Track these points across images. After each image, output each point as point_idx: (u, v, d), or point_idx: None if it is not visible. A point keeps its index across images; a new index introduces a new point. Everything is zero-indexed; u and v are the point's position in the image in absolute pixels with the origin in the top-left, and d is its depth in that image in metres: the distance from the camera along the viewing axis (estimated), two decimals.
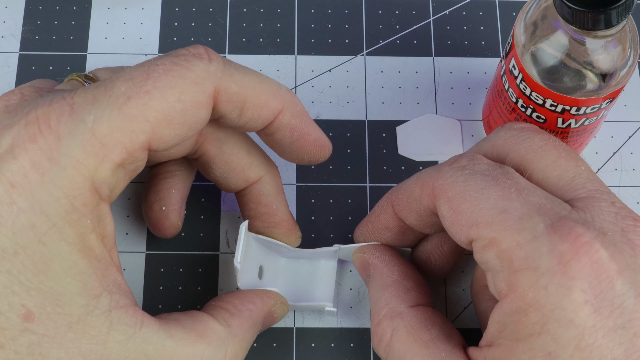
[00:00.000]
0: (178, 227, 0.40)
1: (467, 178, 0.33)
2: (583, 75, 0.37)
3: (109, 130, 0.30)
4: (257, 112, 0.34)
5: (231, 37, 0.47)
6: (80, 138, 0.30)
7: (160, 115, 0.31)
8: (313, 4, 0.48)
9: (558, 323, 0.30)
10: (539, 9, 0.37)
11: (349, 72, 0.47)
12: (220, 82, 0.33)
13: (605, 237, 0.31)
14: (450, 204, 0.33)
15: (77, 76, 0.37)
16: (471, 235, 0.32)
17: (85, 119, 0.30)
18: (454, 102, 0.46)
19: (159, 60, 0.32)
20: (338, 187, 0.44)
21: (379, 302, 0.37)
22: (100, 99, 0.31)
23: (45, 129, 0.30)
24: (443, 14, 0.48)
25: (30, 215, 0.29)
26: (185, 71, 0.32)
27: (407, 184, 0.36)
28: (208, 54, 0.33)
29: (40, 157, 0.30)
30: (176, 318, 0.34)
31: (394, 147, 0.45)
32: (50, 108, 0.31)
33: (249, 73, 0.34)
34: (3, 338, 0.30)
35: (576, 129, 0.40)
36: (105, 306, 0.31)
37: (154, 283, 0.42)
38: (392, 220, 0.38)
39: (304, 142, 0.37)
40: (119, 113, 0.30)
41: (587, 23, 0.33)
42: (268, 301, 0.38)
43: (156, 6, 0.48)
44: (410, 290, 0.37)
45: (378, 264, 0.38)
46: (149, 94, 0.31)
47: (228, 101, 0.33)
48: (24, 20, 0.47)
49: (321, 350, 0.41)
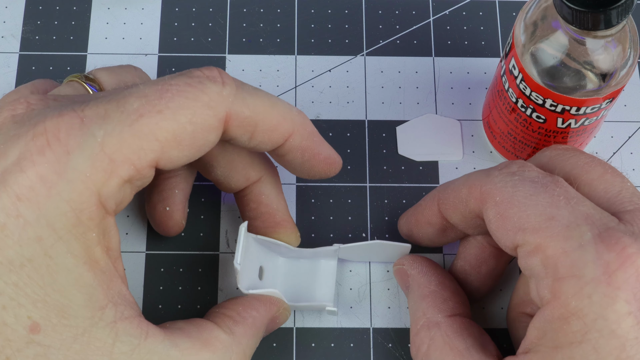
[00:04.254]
0: (182, 225, 0.41)
1: (516, 184, 0.33)
2: (583, 75, 0.37)
3: (118, 147, 0.30)
4: (268, 136, 0.35)
5: (231, 37, 0.48)
6: (89, 152, 0.30)
7: (171, 135, 0.31)
8: (313, 4, 0.48)
9: (600, 333, 0.30)
10: (539, 9, 0.37)
11: (349, 72, 0.47)
12: (233, 106, 0.33)
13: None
14: (497, 208, 0.33)
15: (76, 77, 0.37)
16: (517, 241, 0.32)
17: (95, 133, 0.30)
18: (454, 102, 0.46)
19: (172, 80, 0.32)
20: (338, 187, 0.44)
21: (417, 313, 0.37)
22: (111, 114, 0.31)
23: (54, 142, 0.30)
24: (443, 14, 0.48)
25: (36, 228, 0.29)
26: (198, 93, 0.32)
27: (455, 185, 0.36)
28: (222, 77, 0.33)
29: (48, 171, 0.30)
30: (181, 327, 0.34)
31: (394, 147, 0.45)
32: (60, 120, 0.30)
33: (261, 96, 0.34)
34: (9, 350, 0.30)
35: (576, 129, 0.40)
36: (110, 318, 0.31)
37: (154, 283, 0.42)
38: (435, 217, 0.38)
39: (315, 161, 0.37)
40: (129, 130, 0.30)
41: (587, 23, 0.33)
42: (271, 307, 0.38)
43: (156, 6, 0.48)
44: (447, 300, 0.37)
45: (416, 275, 0.38)
46: (161, 114, 0.31)
47: (239, 125, 0.33)
48: (24, 20, 0.47)
49: (321, 350, 0.41)
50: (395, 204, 0.44)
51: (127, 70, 0.39)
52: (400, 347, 0.41)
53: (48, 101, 0.33)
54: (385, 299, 0.42)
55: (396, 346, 0.41)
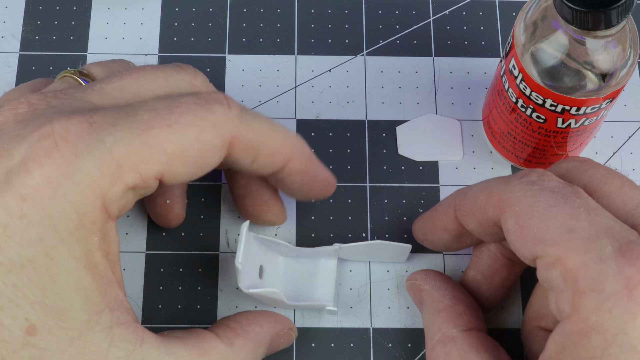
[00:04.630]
0: (182, 217, 0.42)
1: (536, 194, 0.33)
2: (583, 75, 0.37)
3: (127, 154, 0.30)
4: (270, 159, 0.35)
5: (231, 37, 0.47)
6: (98, 156, 0.30)
7: (178, 150, 0.32)
8: (313, 4, 0.48)
9: (620, 348, 0.30)
10: (539, 9, 0.37)
11: (349, 72, 0.47)
12: (237, 129, 0.33)
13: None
14: (516, 218, 0.33)
15: (70, 73, 0.37)
16: (536, 252, 0.32)
17: (104, 138, 0.30)
18: (454, 102, 0.46)
19: (182, 98, 0.33)
20: (338, 187, 0.44)
21: (432, 328, 0.37)
22: (121, 122, 0.31)
23: (62, 144, 0.30)
24: (443, 14, 0.48)
25: (39, 229, 0.29)
26: (206, 113, 0.32)
27: (473, 191, 0.36)
28: (227, 100, 0.34)
29: (55, 172, 0.30)
30: (179, 336, 0.35)
31: (394, 147, 0.45)
32: (69, 122, 0.30)
33: (263, 121, 0.35)
34: (5, 351, 0.30)
35: (576, 129, 0.40)
36: (106, 322, 0.31)
37: (154, 283, 0.42)
38: (451, 223, 0.38)
39: (313, 183, 0.38)
40: (139, 139, 0.31)
41: (587, 23, 0.33)
42: (276, 325, 0.38)
43: (156, 6, 0.48)
44: (462, 314, 0.37)
45: (429, 290, 0.38)
46: (170, 127, 0.31)
47: (243, 149, 0.34)
48: (24, 20, 0.47)
49: (321, 350, 0.41)
50: (395, 204, 0.44)
51: (121, 65, 0.39)
52: (400, 347, 0.41)
53: (49, 100, 0.33)
54: (385, 299, 0.42)
55: (396, 346, 0.41)
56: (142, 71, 0.35)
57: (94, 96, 0.33)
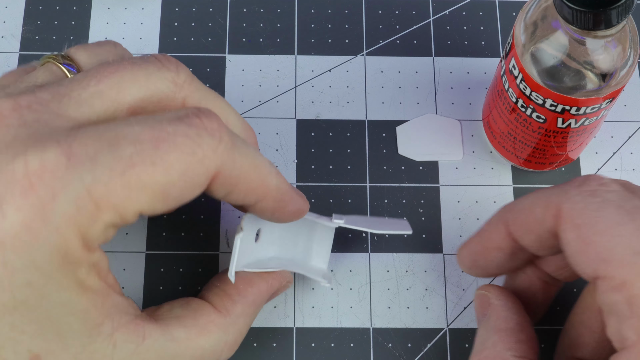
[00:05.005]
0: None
1: (599, 207, 0.31)
2: (583, 75, 0.37)
3: (106, 194, 0.29)
4: (243, 196, 0.34)
5: (231, 37, 0.47)
6: (75, 196, 0.28)
7: (160, 188, 0.30)
8: (313, 4, 0.48)
9: None
10: (539, 9, 0.37)
11: (349, 72, 0.47)
12: (223, 164, 0.31)
13: None
14: (578, 232, 0.31)
15: (53, 58, 0.34)
16: (599, 272, 0.31)
17: (83, 177, 0.28)
18: (454, 102, 0.46)
19: (170, 126, 0.30)
20: (338, 187, 0.44)
21: (486, 342, 0.36)
22: (101, 158, 0.29)
23: (38, 184, 0.28)
24: (443, 14, 0.48)
25: (25, 274, 0.29)
26: (195, 147, 0.30)
27: (526, 204, 0.34)
28: (220, 131, 0.31)
29: (33, 217, 0.28)
30: (177, 315, 0.35)
31: (394, 147, 0.45)
32: (44, 157, 0.28)
33: (249, 155, 0.33)
34: None
35: (576, 129, 0.40)
36: (107, 331, 0.31)
37: (154, 283, 0.42)
38: (505, 241, 0.36)
39: (283, 214, 0.36)
40: (119, 179, 0.29)
41: (587, 23, 0.33)
42: (274, 284, 0.38)
43: (156, 6, 0.48)
44: (520, 342, 0.35)
45: (499, 307, 0.37)
46: (154, 166, 0.29)
47: (222, 183, 0.32)
48: (24, 20, 0.47)
49: (321, 350, 0.41)
50: (395, 204, 0.44)
51: (107, 50, 0.37)
52: (400, 347, 0.41)
53: (23, 113, 0.30)
54: (385, 299, 0.42)
55: (396, 346, 0.41)
56: (121, 71, 0.32)
57: (72, 107, 0.31)
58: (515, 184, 0.45)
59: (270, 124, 0.46)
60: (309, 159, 0.45)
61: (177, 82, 0.33)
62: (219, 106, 0.35)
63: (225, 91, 0.46)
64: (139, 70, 0.33)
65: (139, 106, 0.32)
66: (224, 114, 0.35)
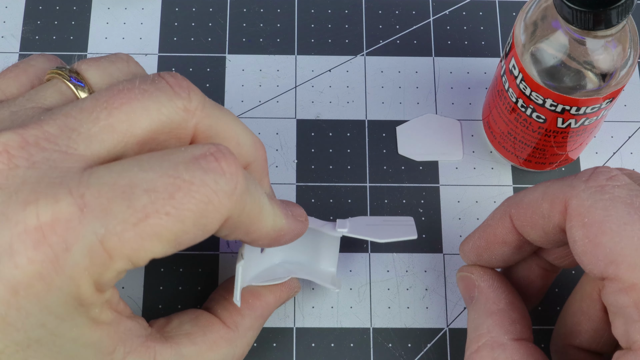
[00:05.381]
0: None
1: (607, 206, 0.31)
2: (583, 75, 0.37)
3: (119, 245, 0.28)
4: (241, 236, 0.33)
5: (231, 37, 0.47)
6: (89, 247, 0.28)
7: (173, 237, 0.29)
8: (313, 4, 0.48)
9: None
10: (539, 9, 0.37)
11: (349, 72, 0.47)
12: (234, 209, 0.30)
13: None
14: (586, 231, 0.31)
15: (60, 74, 0.33)
16: (607, 273, 0.30)
17: (96, 230, 0.28)
18: (454, 102, 0.46)
19: (187, 173, 0.29)
20: (338, 187, 0.44)
21: (479, 329, 0.36)
22: (115, 209, 0.28)
23: (51, 235, 0.27)
24: (443, 14, 0.48)
25: (39, 317, 0.28)
26: (211, 195, 0.29)
27: (531, 198, 0.34)
28: (237, 175, 0.30)
29: (46, 268, 0.28)
30: (187, 331, 0.35)
31: (394, 147, 0.45)
32: (57, 208, 0.28)
33: (256, 201, 0.32)
34: None
35: (576, 129, 0.40)
36: (120, 356, 0.31)
37: (154, 283, 0.42)
38: (510, 235, 0.35)
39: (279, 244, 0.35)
40: (133, 229, 0.28)
41: (587, 23, 0.33)
42: (282, 295, 0.38)
43: (156, 6, 0.48)
44: (515, 323, 0.35)
45: (485, 289, 0.37)
46: (168, 216, 0.28)
47: (227, 227, 0.31)
48: (24, 20, 0.47)
49: (321, 350, 0.41)
50: (395, 204, 0.44)
51: (119, 67, 0.35)
52: (400, 347, 0.41)
53: (32, 153, 0.29)
54: (385, 299, 0.42)
55: (396, 346, 0.41)
56: (131, 102, 0.31)
57: (81, 144, 0.29)
58: (515, 184, 0.45)
59: (270, 124, 0.46)
60: (309, 159, 0.45)
61: (189, 109, 0.32)
62: (231, 129, 0.34)
63: (225, 91, 0.46)
64: (149, 101, 0.31)
65: (150, 137, 0.31)
66: (236, 136, 0.34)
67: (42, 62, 0.35)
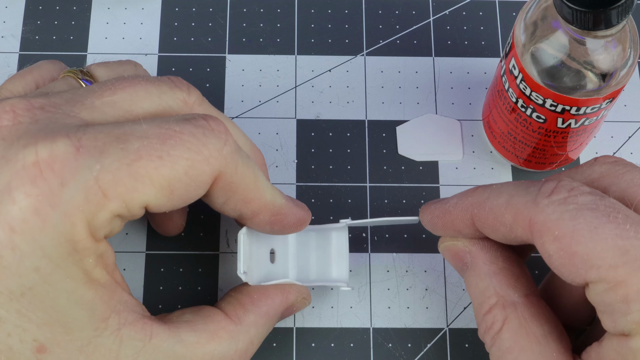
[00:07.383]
0: (182, 226, 0.42)
1: (574, 215, 0.31)
2: (583, 75, 0.37)
3: (113, 183, 0.29)
4: (240, 207, 0.34)
5: (231, 37, 0.48)
6: (84, 184, 0.29)
7: (166, 183, 0.31)
8: (313, 4, 0.48)
9: None
10: (539, 9, 0.37)
11: (349, 72, 0.47)
12: (226, 167, 0.32)
13: None
14: (559, 244, 0.31)
15: (72, 73, 0.36)
16: (590, 278, 0.31)
17: (91, 166, 0.29)
18: (454, 102, 0.46)
19: (177, 126, 0.31)
20: (338, 187, 0.44)
21: (486, 291, 0.35)
22: (110, 149, 0.30)
23: (48, 172, 0.29)
24: (443, 14, 0.48)
25: (33, 259, 0.29)
26: (200, 146, 0.31)
27: (495, 205, 0.34)
28: (226, 134, 0.32)
29: (42, 203, 0.29)
30: (188, 319, 0.35)
31: (394, 147, 0.45)
32: (55, 147, 0.29)
33: (249, 166, 0.34)
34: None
35: (576, 129, 0.40)
36: (114, 326, 0.32)
37: (154, 283, 0.42)
38: (467, 229, 0.36)
39: (282, 227, 0.37)
40: (127, 169, 0.30)
41: (587, 23, 0.33)
42: (289, 297, 0.38)
43: (156, 6, 0.48)
44: (520, 278, 0.35)
45: (478, 252, 0.36)
46: (161, 160, 0.30)
47: (222, 188, 0.33)
48: (24, 20, 0.47)
49: (321, 350, 0.41)
50: (395, 204, 0.44)
51: (127, 69, 0.38)
52: (400, 347, 0.41)
53: (35, 112, 0.31)
54: (385, 299, 0.42)
55: (396, 346, 0.41)
56: (135, 85, 0.33)
57: (84, 111, 0.32)
58: None
59: (270, 124, 0.46)
60: (309, 159, 0.45)
61: (188, 102, 0.35)
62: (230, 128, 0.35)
63: (225, 91, 0.46)
64: (152, 87, 0.34)
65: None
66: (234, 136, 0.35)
67: (46, 64, 0.38)
